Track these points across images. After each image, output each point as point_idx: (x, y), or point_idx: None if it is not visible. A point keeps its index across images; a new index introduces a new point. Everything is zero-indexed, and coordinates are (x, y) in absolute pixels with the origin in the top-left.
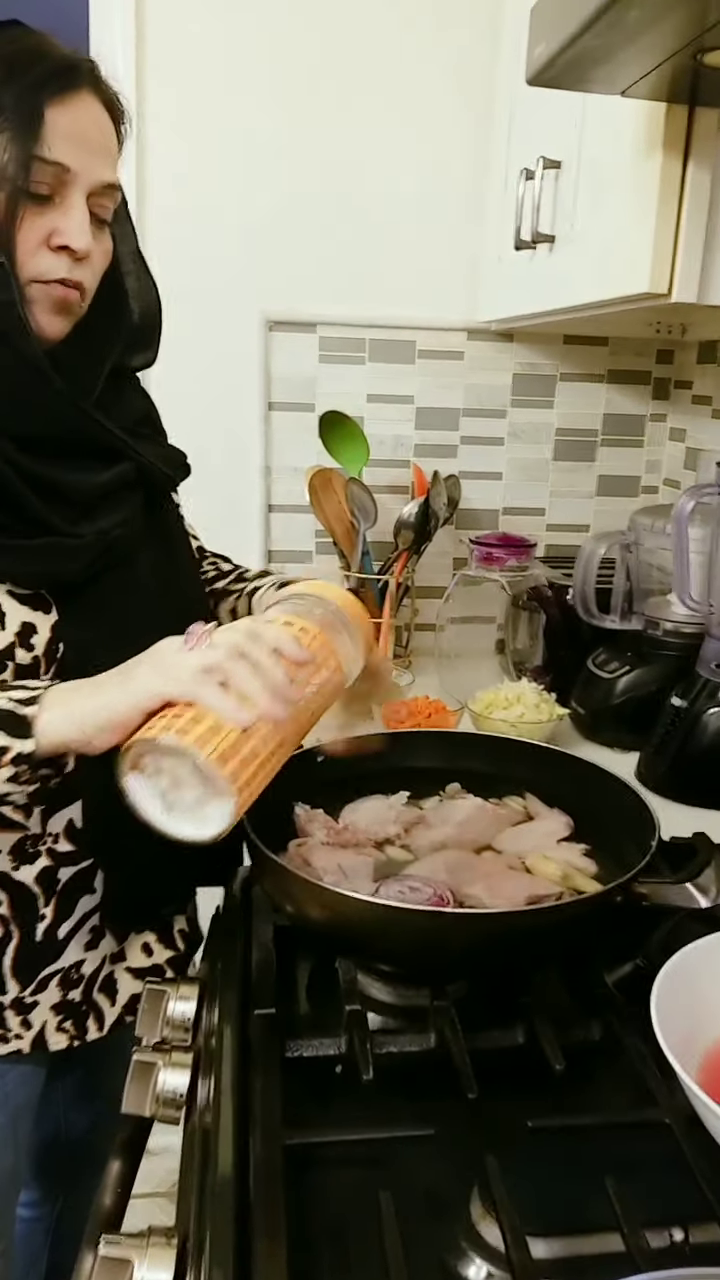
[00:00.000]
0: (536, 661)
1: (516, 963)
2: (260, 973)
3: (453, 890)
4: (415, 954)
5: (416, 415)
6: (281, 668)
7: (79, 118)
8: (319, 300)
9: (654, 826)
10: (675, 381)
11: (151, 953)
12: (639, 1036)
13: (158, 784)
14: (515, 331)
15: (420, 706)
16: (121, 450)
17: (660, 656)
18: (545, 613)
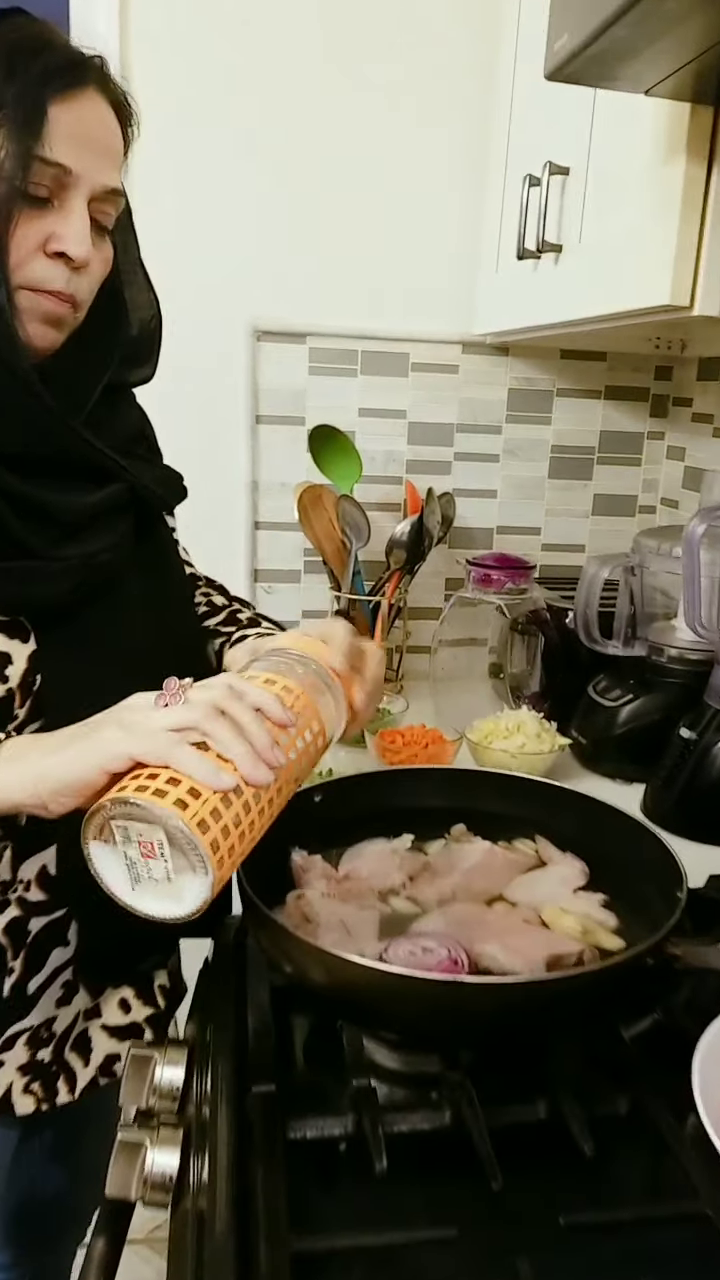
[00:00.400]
0: (534, 687)
1: (538, 1032)
2: (257, 1042)
3: (466, 949)
4: (429, 1024)
5: (409, 430)
6: (265, 729)
7: (84, 117)
8: (309, 310)
9: (680, 875)
10: (674, 399)
11: (129, 1009)
12: (670, 1111)
13: (125, 853)
14: (511, 345)
15: (416, 736)
16: (113, 471)
17: (664, 684)
18: (544, 637)
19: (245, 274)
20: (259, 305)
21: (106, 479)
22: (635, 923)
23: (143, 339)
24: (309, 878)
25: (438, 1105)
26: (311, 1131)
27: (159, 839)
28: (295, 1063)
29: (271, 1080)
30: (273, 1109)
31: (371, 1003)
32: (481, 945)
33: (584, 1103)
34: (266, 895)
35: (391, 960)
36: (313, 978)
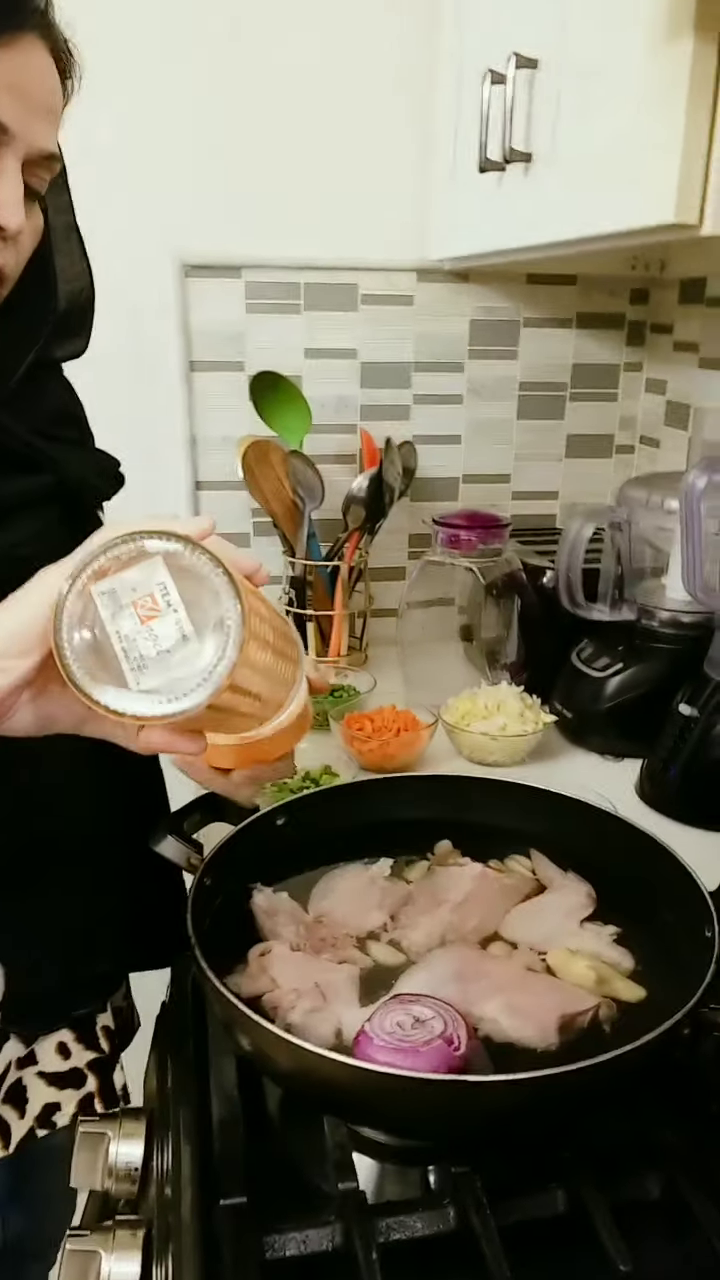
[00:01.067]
0: (510, 656)
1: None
2: (223, 1136)
3: (463, 1014)
4: (425, 1126)
5: (362, 372)
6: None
7: (23, 67)
8: (243, 239)
9: (708, 907)
10: (652, 325)
11: (69, 1054)
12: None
13: (115, 635)
14: (471, 271)
15: (386, 720)
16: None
17: (656, 651)
18: (521, 600)
19: (168, 200)
20: (186, 236)
21: (28, 467)
22: (655, 963)
23: (73, 312)
24: (275, 924)
25: (438, 1203)
26: (292, 1248)
27: (160, 581)
28: (269, 1152)
29: (242, 1190)
30: (245, 1224)
31: (356, 1102)
32: (482, 1007)
33: (608, 1189)
34: (223, 950)
35: (376, 1034)
36: (284, 1072)
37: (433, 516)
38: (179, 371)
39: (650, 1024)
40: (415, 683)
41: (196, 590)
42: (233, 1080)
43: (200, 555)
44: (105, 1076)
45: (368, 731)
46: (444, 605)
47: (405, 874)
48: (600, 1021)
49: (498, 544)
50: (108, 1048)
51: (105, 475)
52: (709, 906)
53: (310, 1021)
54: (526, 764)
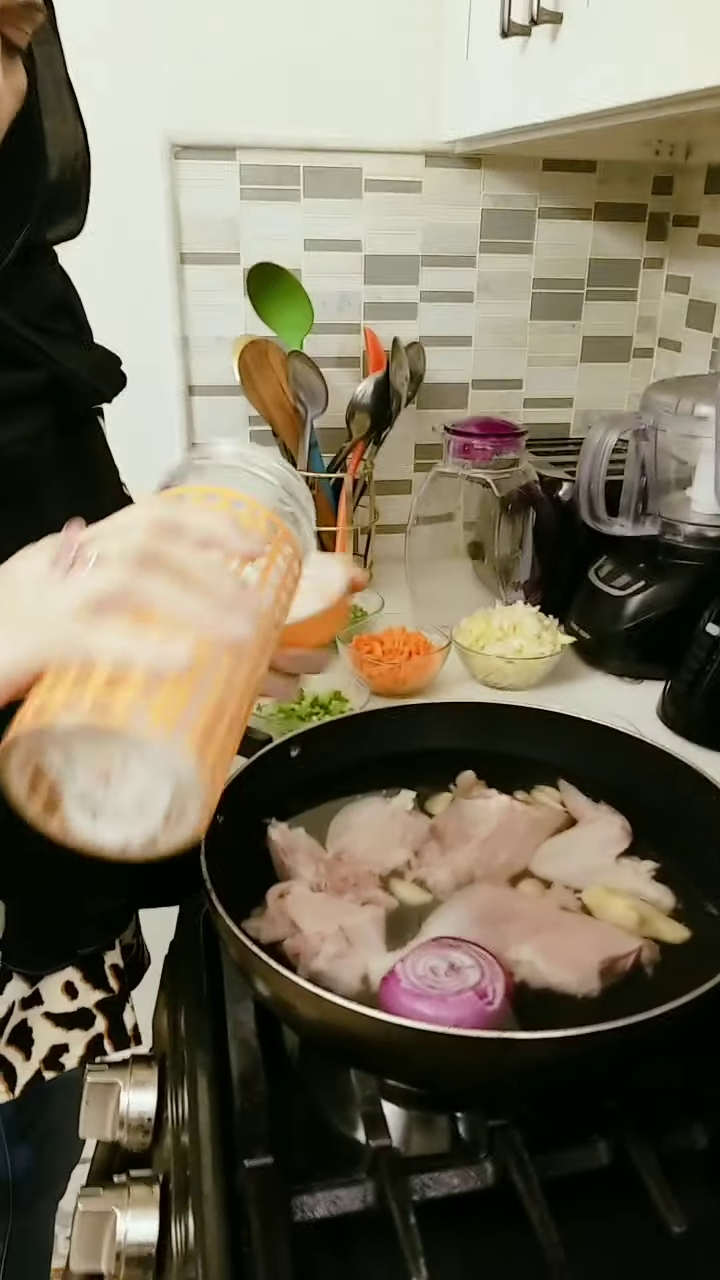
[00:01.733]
0: (525, 574)
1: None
2: (244, 1090)
3: (497, 957)
4: (463, 1083)
5: (366, 265)
6: (224, 566)
7: None
8: (238, 117)
9: None
10: (675, 217)
11: (76, 994)
12: None
13: (73, 785)
14: (484, 155)
15: (397, 642)
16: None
17: (679, 568)
18: (537, 514)
19: (155, 73)
20: (175, 112)
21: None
22: (696, 901)
23: (66, 183)
24: (293, 863)
25: (475, 1157)
26: (322, 1209)
27: (114, 753)
28: (292, 1101)
29: (267, 1149)
30: (272, 1185)
31: (385, 1058)
32: (516, 949)
33: (653, 1139)
34: (239, 892)
35: (405, 976)
36: (311, 1027)
37: (444, 425)
38: (168, 264)
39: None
40: (424, 602)
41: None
42: (251, 1027)
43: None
44: (115, 1016)
45: (377, 654)
46: (447, 521)
47: (428, 807)
48: (643, 965)
49: (513, 454)
50: (117, 987)
51: (105, 375)
52: None
53: (335, 968)
54: (542, 687)
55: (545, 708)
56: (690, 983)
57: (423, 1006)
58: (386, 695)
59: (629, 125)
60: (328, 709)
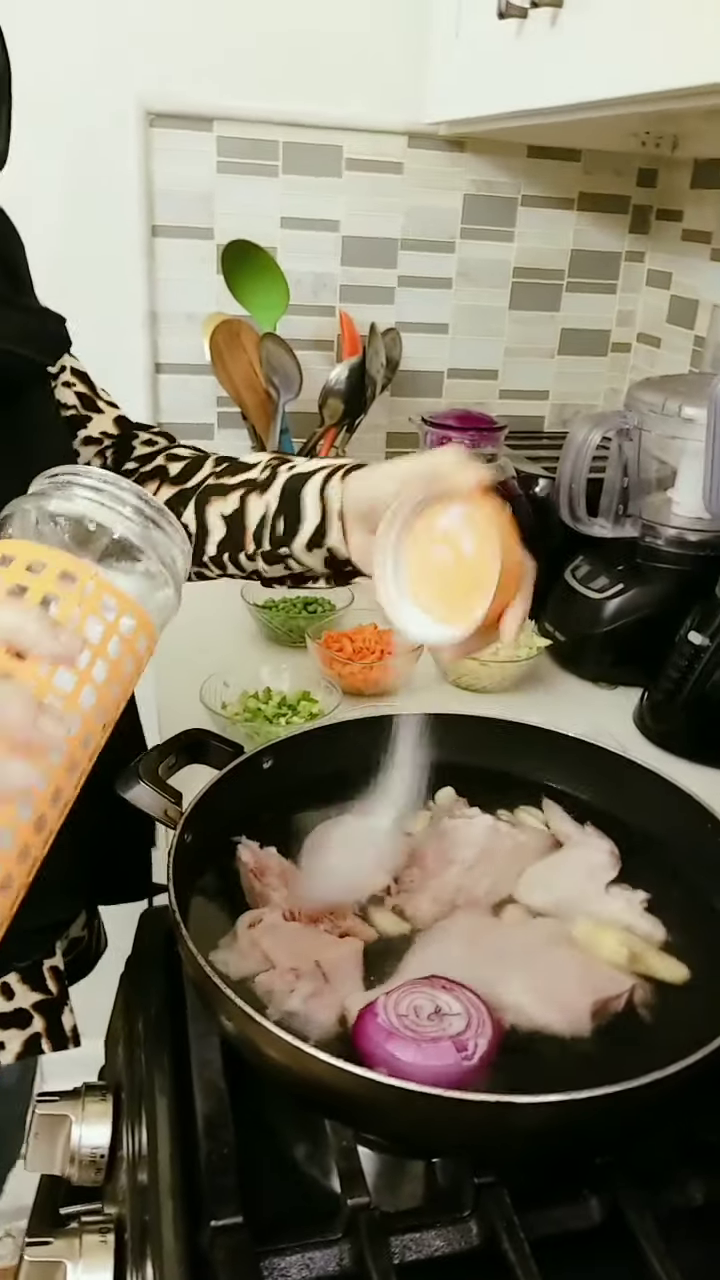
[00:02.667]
0: None
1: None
2: (211, 1145)
3: (485, 1001)
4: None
5: (344, 247)
6: (18, 690)
7: None
8: (216, 88)
9: None
10: (658, 211)
11: (13, 995)
12: None
13: None
14: (468, 139)
15: (368, 640)
16: None
17: (660, 572)
18: (514, 510)
19: (132, 36)
20: (151, 79)
21: None
22: (691, 935)
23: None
24: (264, 886)
25: (460, 1216)
26: (295, 1272)
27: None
28: (260, 1148)
29: (236, 1207)
30: (241, 1247)
31: (366, 1114)
32: (502, 989)
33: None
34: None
35: (384, 1012)
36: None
37: (421, 416)
38: (139, 236)
39: (695, 1011)
40: None
41: None
42: (217, 1066)
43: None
44: (53, 1018)
45: (348, 653)
46: None
47: (406, 825)
48: (635, 1006)
49: (490, 449)
50: (55, 989)
51: (38, 339)
52: None
53: (310, 1008)
54: (515, 691)
55: (527, 721)
56: (689, 1031)
57: (394, 1047)
58: (356, 695)
59: (620, 116)
60: (296, 710)
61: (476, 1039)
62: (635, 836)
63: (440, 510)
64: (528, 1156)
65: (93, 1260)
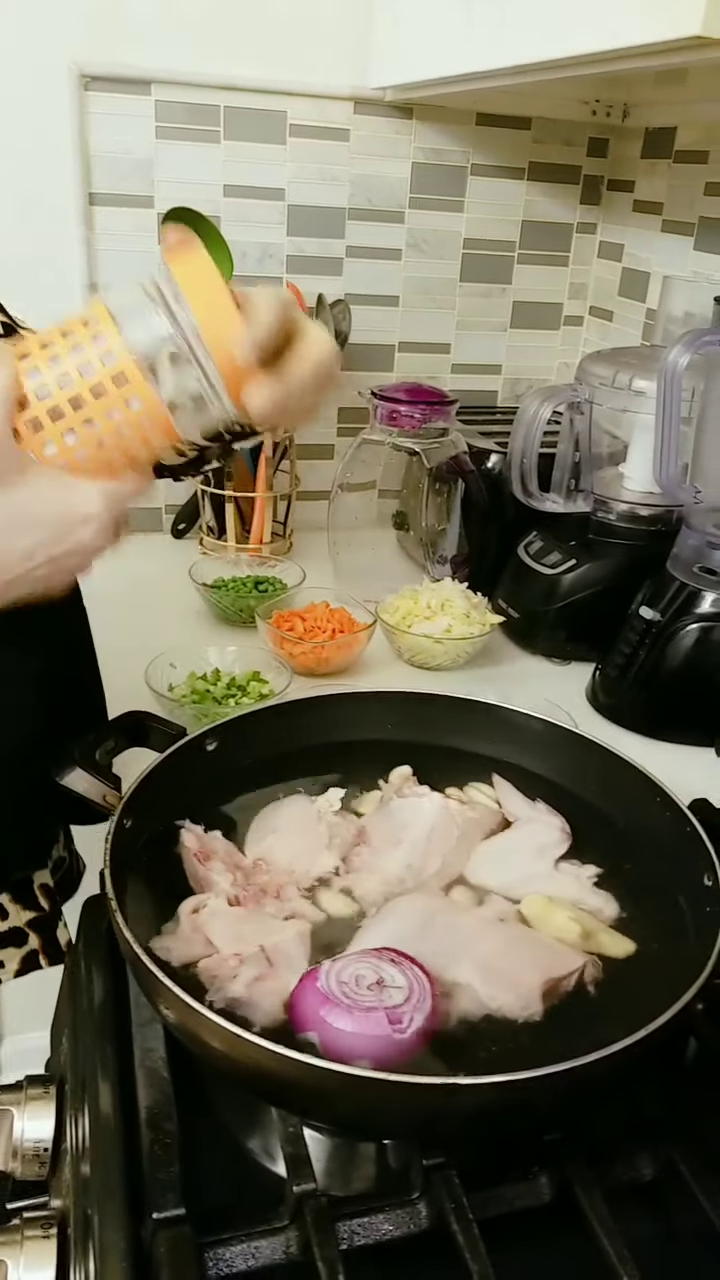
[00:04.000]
0: (451, 549)
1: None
2: (154, 1135)
3: (432, 978)
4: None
5: (289, 216)
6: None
7: None
8: (154, 48)
9: (706, 851)
10: (610, 181)
11: (7, 915)
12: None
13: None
14: (416, 105)
15: (319, 619)
16: None
17: (611, 547)
18: (466, 486)
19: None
20: (84, 39)
21: None
22: (640, 909)
23: None
24: (208, 871)
25: (408, 1199)
26: (240, 1263)
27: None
28: (204, 1132)
29: (178, 1199)
30: (182, 1239)
31: (311, 1101)
32: (453, 971)
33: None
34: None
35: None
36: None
37: (371, 389)
38: (76, 205)
39: (642, 985)
40: (347, 575)
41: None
42: (161, 1055)
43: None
44: (48, 934)
45: (299, 632)
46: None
47: (355, 806)
48: (585, 983)
49: (442, 423)
50: (47, 905)
51: None
52: (706, 848)
53: (255, 994)
54: (469, 668)
55: (474, 696)
56: (637, 1004)
57: (326, 1012)
58: (309, 675)
59: (568, 80)
60: (245, 690)
61: (413, 1013)
62: (586, 812)
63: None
64: (477, 1136)
65: (35, 1257)
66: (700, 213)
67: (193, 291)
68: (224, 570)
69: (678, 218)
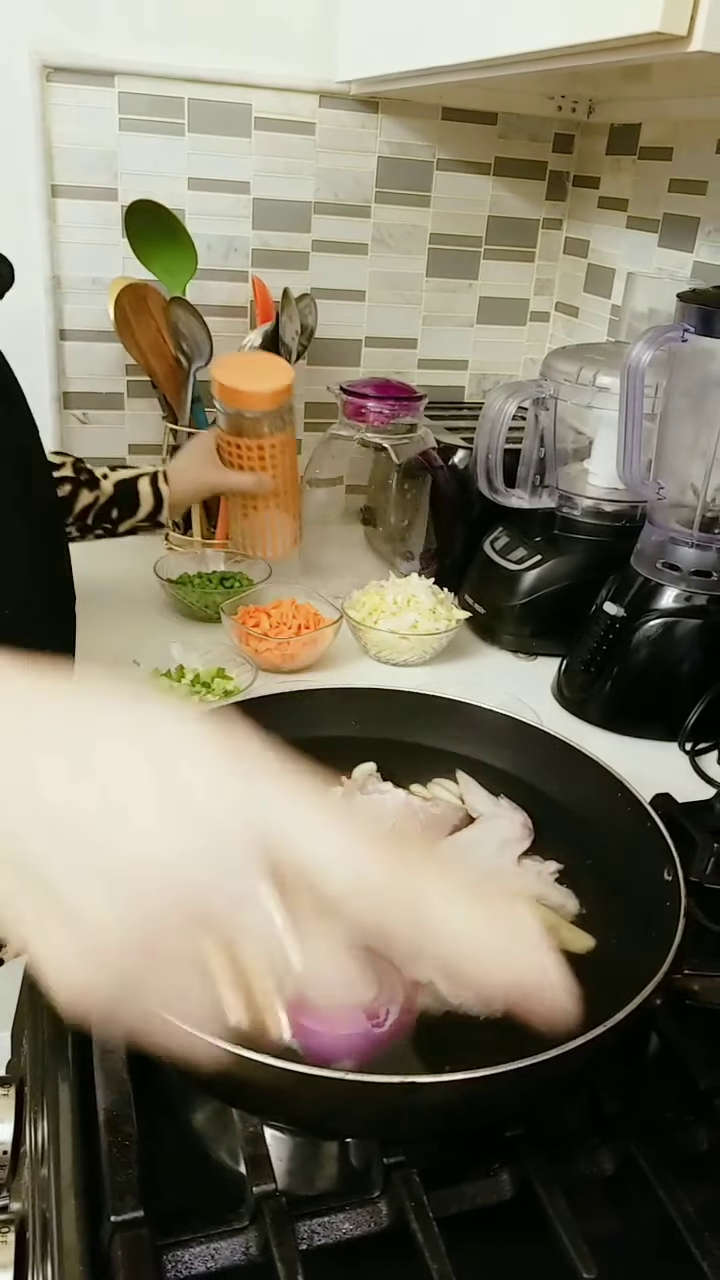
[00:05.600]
0: (418, 545)
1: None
2: (113, 1143)
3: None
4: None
5: (254, 210)
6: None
7: None
8: (118, 39)
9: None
10: (575, 177)
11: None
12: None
13: None
14: (381, 99)
15: (285, 615)
16: None
17: (576, 543)
18: (436, 482)
19: None
20: (47, 29)
21: None
22: (601, 904)
23: None
24: None
25: (369, 1197)
26: (199, 1264)
27: None
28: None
29: (137, 1201)
30: (140, 1242)
31: (270, 1102)
32: (415, 969)
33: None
34: None
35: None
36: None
37: (340, 385)
38: (38, 197)
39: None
40: (314, 571)
41: None
42: (121, 1055)
43: None
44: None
45: (264, 628)
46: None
47: None
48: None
49: (411, 419)
50: None
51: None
52: (665, 843)
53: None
54: (436, 663)
55: (438, 692)
56: (597, 999)
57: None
58: (275, 671)
59: (534, 76)
60: (210, 687)
61: (388, 1005)
62: (549, 808)
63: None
64: (437, 1134)
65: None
66: (665, 209)
67: None
68: (189, 566)
69: (643, 214)
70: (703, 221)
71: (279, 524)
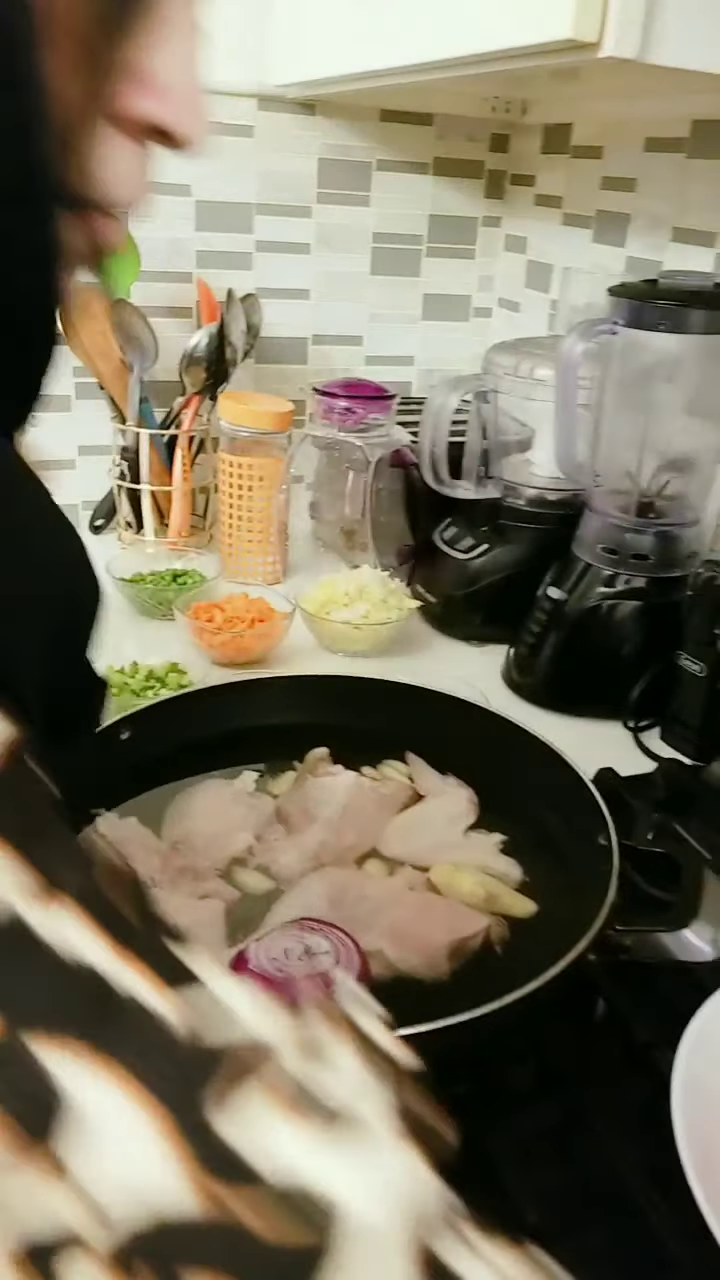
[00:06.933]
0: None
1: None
2: None
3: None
4: None
5: (197, 211)
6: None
7: None
8: None
9: (601, 813)
10: (512, 176)
11: None
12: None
13: None
14: (319, 102)
15: (238, 609)
16: None
17: (521, 531)
18: (409, 479)
19: None
20: None
21: None
22: (543, 872)
23: None
24: (125, 858)
25: None
26: None
27: None
28: None
29: None
30: None
31: None
32: (363, 937)
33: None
34: None
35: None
36: None
37: (313, 386)
38: None
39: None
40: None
41: None
42: None
43: None
44: None
45: (218, 622)
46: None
47: (270, 787)
48: (492, 943)
49: (383, 417)
50: None
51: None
52: (601, 811)
53: None
54: (391, 654)
55: (389, 678)
56: (537, 960)
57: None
58: (229, 666)
59: (467, 78)
60: (164, 683)
61: (345, 971)
62: (494, 783)
63: None
64: None
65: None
66: (597, 206)
67: None
68: (142, 564)
69: (577, 211)
70: (633, 218)
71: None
